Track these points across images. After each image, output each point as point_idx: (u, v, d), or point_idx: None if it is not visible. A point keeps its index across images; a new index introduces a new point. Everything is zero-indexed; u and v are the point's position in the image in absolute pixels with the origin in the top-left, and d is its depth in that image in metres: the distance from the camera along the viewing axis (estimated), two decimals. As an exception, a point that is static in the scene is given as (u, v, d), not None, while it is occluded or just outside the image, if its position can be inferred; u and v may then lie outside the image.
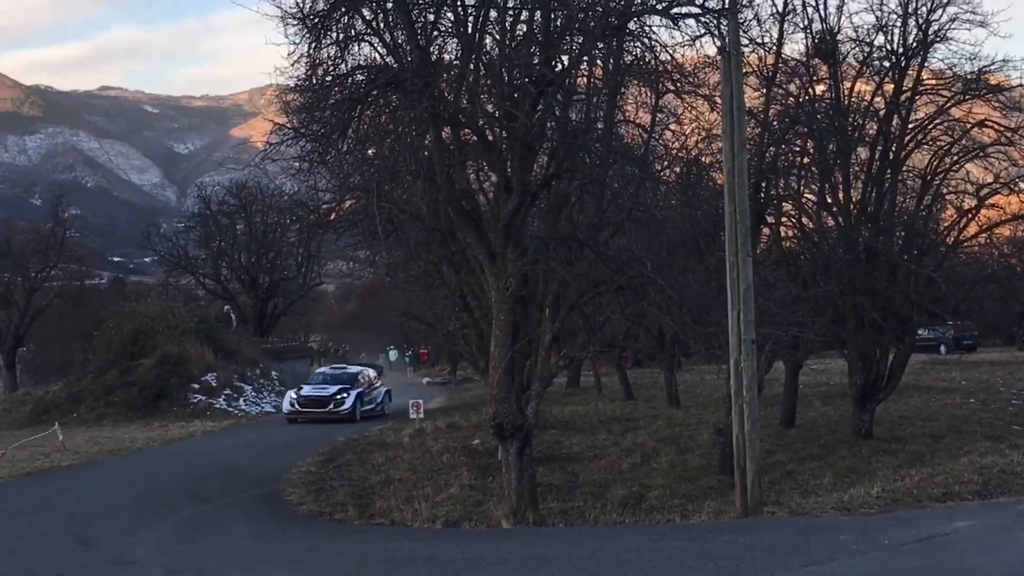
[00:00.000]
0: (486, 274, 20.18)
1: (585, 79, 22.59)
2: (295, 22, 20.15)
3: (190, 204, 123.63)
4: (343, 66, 20.37)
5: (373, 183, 19.93)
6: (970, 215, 29.83)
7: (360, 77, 20.44)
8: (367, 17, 20.23)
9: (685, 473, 24.70)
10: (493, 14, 20.46)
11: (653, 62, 21.34)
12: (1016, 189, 30.19)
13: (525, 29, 20.69)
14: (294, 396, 44.79)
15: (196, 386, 50.43)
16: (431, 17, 20.62)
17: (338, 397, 44.09)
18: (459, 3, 19.86)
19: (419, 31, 20.03)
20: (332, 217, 24.19)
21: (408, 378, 77.12)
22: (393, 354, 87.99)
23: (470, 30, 20.07)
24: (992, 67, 28.38)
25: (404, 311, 30.29)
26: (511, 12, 20.57)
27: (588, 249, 20.75)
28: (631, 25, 20.82)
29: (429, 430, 34.24)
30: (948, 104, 29.16)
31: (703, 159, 27.37)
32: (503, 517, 19.83)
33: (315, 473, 27.37)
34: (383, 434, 35.24)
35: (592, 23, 20.33)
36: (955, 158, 29.41)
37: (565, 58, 20.97)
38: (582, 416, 37.01)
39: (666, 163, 25.54)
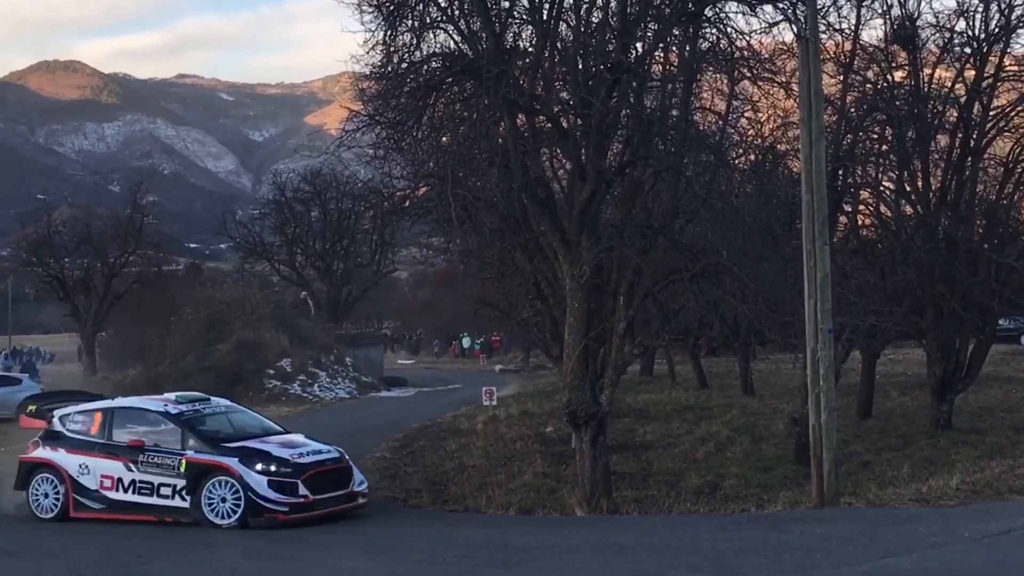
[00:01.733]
0: (560, 262, 20.16)
1: (660, 66, 22.47)
2: (371, 9, 20.30)
3: (265, 191, 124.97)
4: (418, 53, 20.47)
5: (448, 170, 19.98)
6: (1054, 204, 29.38)
7: (435, 64, 20.52)
8: (442, 4, 20.30)
9: (760, 463, 24.54)
10: (568, 1, 20.43)
11: (729, 49, 21.22)
12: (1102, 177, 29.62)
13: (600, 16, 20.64)
14: None
15: (271, 372, 50.90)
16: (506, 4, 20.66)
17: None
18: (535, -10, 19.86)
19: (494, 18, 20.07)
20: (406, 204, 24.26)
21: (481, 365, 77.34)
22: (466, 341, 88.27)
23: (545, 17, 20.06)
24: (1079, 51, 27.83)
25: (478, 298, 30.26)
26: (586, -1, 20.54)
27: (663, 237, 20.65)
28: (707, 11, 20.74)
29: (502, 417, 34.31)
30: (1032, 90, 28.67)
31: (779, 147, 27.12)
32: (577, 505, 19.83)
33: (389, 459, 27.52)
34: (456, 421, 35.36)
35: (668, 10, 20.28)
36: (1039, 145, 28.93)
37: (640, 45, 20.87)
38: (656, 404, 36.90)
39: (741, 151, 25.33)
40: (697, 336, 42.49)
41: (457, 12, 20.36)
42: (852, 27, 27.43)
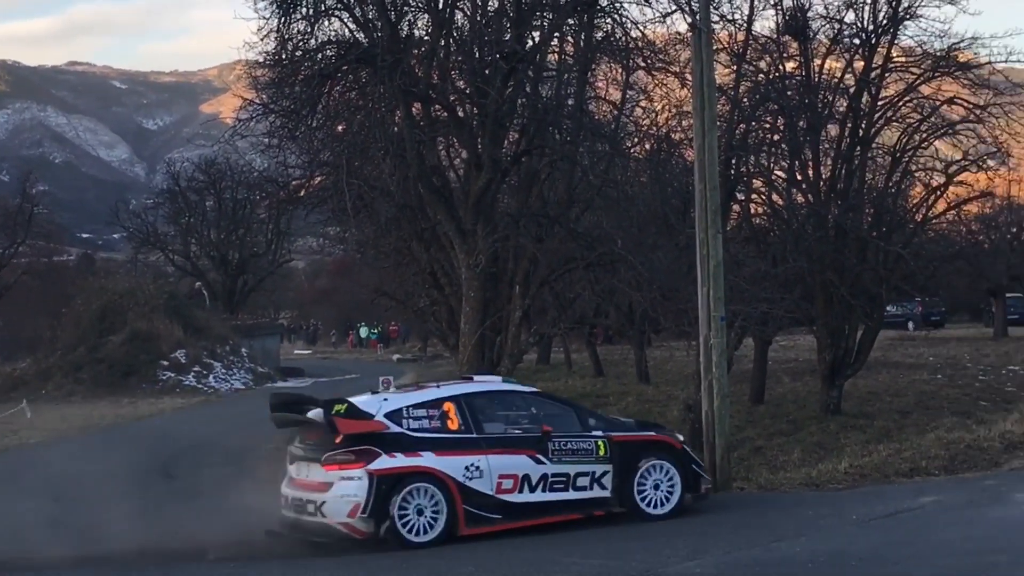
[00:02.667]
0: (456, 251, 20.19)
1: (556, 56, 22.58)
2: (265, -4, 20.09)
3: (159, 180, 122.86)
4: (312, 41, 20.33)
5: (343, 159, 19.90)
6: (939, 192, 30.04)
7: (330, 52, 20.41)
8: (337, -8, 20.16)
9: (655, 450, 24.74)
10: (464, -10, 20.45)
11: (624, 38, 21.40)
12: (984, 166, 30.35)
13: (496, 5, 20.68)
14: None
15: (165, 363, 50.25)
16: (402, -8, 20.58)
17: None
18: (430, -22, 19.81)
19: (390, 6, 20.01)
20: (302, 193, 24.12)
21: (379, 355, 77.11)
22: (364, 331, 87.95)
23: (441, 5, 20.05)
24: (962, 44, 28.47)
25: (374, 288, 30.14)
26: (482, -12, 20.55)
27: (558, 226, 20.78)
28: (602, 1, 20.88)
29: (400, 407, 34.12)
30: (917, 81, 29.27)
31: (673, 136, 27.37)
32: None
33: (284, 449, 27.23)
34: (354, 411, 35.10)
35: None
36: (924, 135, 29.56)
37: (536, 34, 20.96)
38: (552, 392, 37.04)
39: (636, 140, 25.57)
40: (593, 325, 42.76)
41: (352, 0, 20.26)
42: (745, 18, 27.79)
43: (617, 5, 21.14)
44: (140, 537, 15.59)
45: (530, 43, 20.74)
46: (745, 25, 27.93)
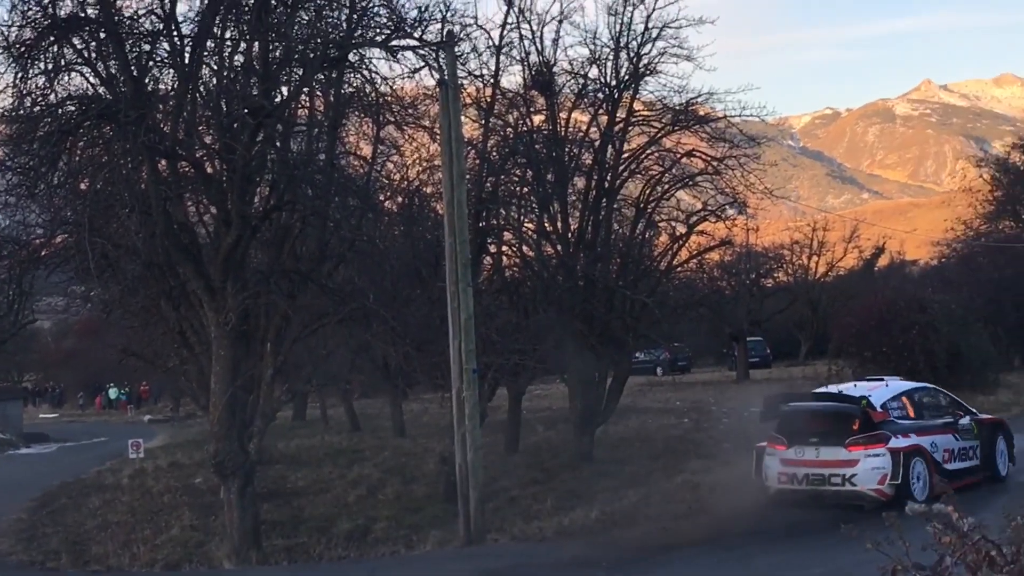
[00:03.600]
0: (206, 309, 19.78)
1: (306, 110, 22.50)
2: (-1, 51, 19.35)
3: None
4: (53, 96, 19.66)
5: (85, 217, 19.26)
6: (681, 241, 31.07)
7: (71, 108, 19.76)
8: (78, 46, 19.56)
9: (411, 504, 24.75)
10: (210, 44, 20.15)
11: (373, 94, 21.46)
12: (723, 216, 31.59)
13: (243, 60, 20.46)
14: None
15: None
16: (146, 47, 20.13)
17: None
18: (175, 33, 19.44)
19: (133, 61, 19.52)
20: (44, 253, 23.23)
21: (129, 416, 74.69)
22: (113, 392, 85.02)
23: (187, 61, 19.70)
24: (699, 99, 29.69)
25: (122, 348, 29.23)
26: (229, 43, 20.31)
27: (311, 282, 20.62)
28: (351, 57, 20.91)
29: (150, 470, 33.21)
30: (659, 134, 30.30)
31: (425, 190, 27.63)
32: (225, 557, 19.46)
33: (26, 520, 26.14)
34: (101, 476, 33.96)
35: (311, 55, 20.29)
36: (666, 187, 30.55)
37: (285, 89, 20.83)
38: (308, 449, 36.61)
39: (388, 194, 25.66)
40: (348, 380, 42.52)
41: (94, 55, 19.70)
42: (492, 73, 28.34)
43: (366, 61, 21.23)
44: None
45: (279, 98, 20.58)
46: (493, 80, 28.51)
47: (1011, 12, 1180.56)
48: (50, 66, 19.36)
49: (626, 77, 29.61)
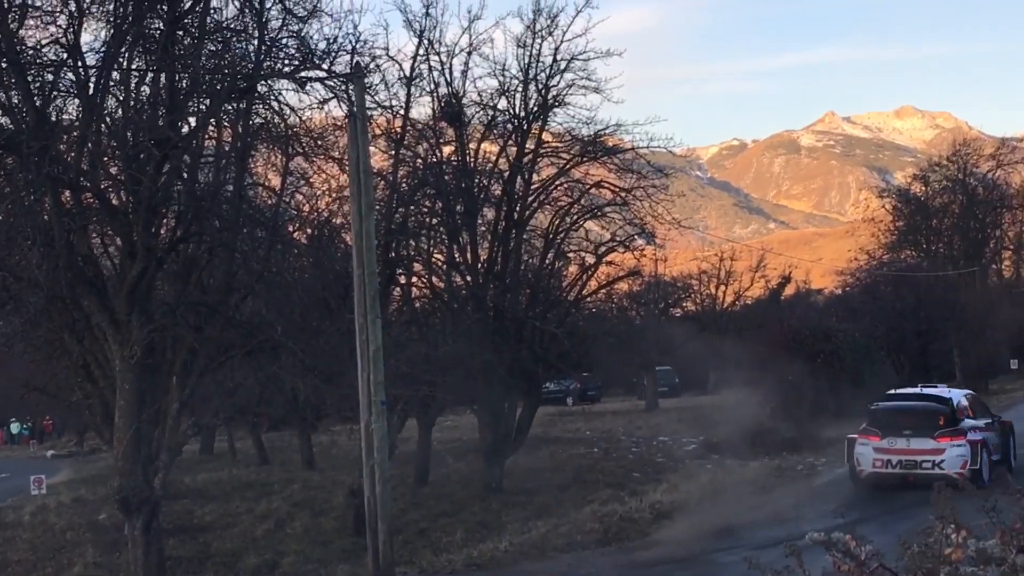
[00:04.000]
0: (110, 342, 19.49)
1: (214, 141, 22.34)
2: None
3: None
4: (-49, 126, 19.31)
5: (-16, 250, 18.92)
6: (590, 271, 31.33)
7: (-30, 138, 19.42)
8: (-23, 76, 19.26)
9: (320, 537, 24.57)
10: (116, 75, 19.96)
11: (282, 125, 21.40)
12: (631, 246, 31.92)
13: (150, 91, 20.28)
14: None
15: None
16: (50, 77, 19.88)
17: None
18: (79, 63, 19.22)
19: (36, 91, 19.26)
20: (-59, 286, 22.73)
21: (32, 451, 73.20)
22: (15, 426, 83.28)
23: (92, 91, 19.47)
24: (607, 130, 30.06)
25: (25, 382, 28.66)
26: (135, 73, 20.13)
27: (218, 314, 20.42)
28: (259, 88, 20.83)
29: (52, 506, 32.59)
30: (568, 165, 30.61)
31: (334, 221, 27.54)
32: (129, 594, 19.15)
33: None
34: (1, 514, 33.24)
35: (219, 85, 20.19)
36: (575, 217, 30.86)
37: (192, 120, 20.67)
38: (216, 483, 36.21)
39: (297, 225, 25.55)
40: (256, 412, 42.10)
41: (-6, 84, 19.41)
42: (402, 104, 28.40)
43: (275, 92, 21.16)
44: None
45: (186, 129, 20.42)
46: (403, 111, 28.57)
47: (910, 46, 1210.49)
48: (-53, 96, 19.06)
49: (535, 108, 29.88)
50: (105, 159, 20.10)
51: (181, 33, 19.97)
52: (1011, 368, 65.39)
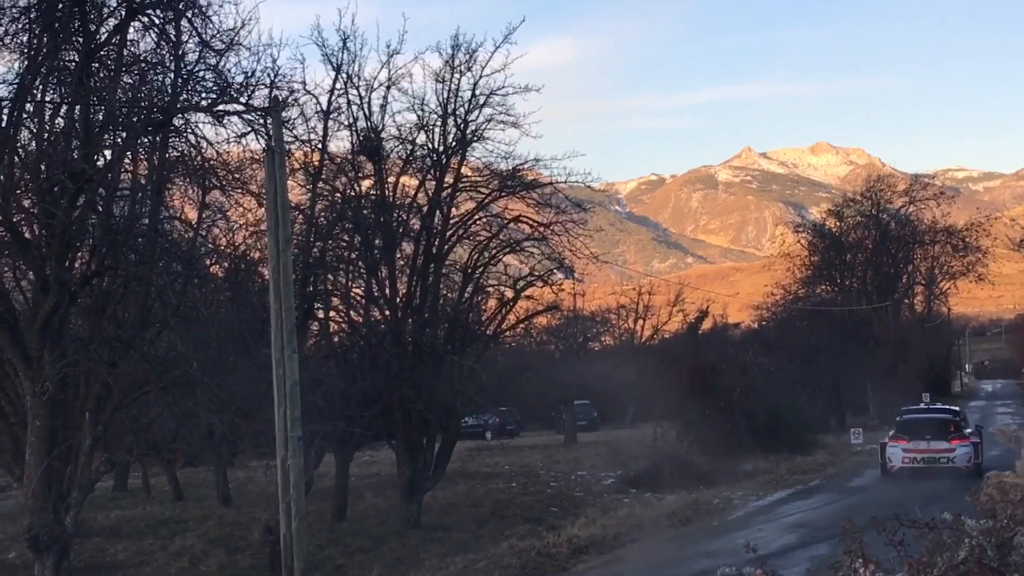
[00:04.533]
0: (21, 378, 19.18)
1: (129, 174, 22.14)
2: None
3: None
4: None
5: None
6: (509, 306, 31.42)
7: None
8: None
9: (235, 575, 24.30)
10: (29, 107, 19.75)
11: (199, 158, 21.28)
12: (550, 281, 32.09)
13: (64, 123, 20.08)
14: None
15: None
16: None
17: None
18: (-10, 95, 19.03)
19: (-54, 123, 19.01)
20: None
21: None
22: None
23: (4, 123, 19.25)
24: (526, 165, 30.22)
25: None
26: (49, 105, 19.94)
27: (133, 349, 20.20)
28: (176, 121, 20.71)
29: (-43, 545, 31.82)
30: (487, 200, 30.71)
31: (252, 255, 27.38)
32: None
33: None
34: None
35: (135, 118, 20.05)
36: (494, 252, 30.94)
37: (108, 153, 20.50)
38: (129, 521, 35.58)
39: (214, 259, 25.37)
40: (171, 449, 41.56)
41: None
42: (320, 138, 28.33)
43: (192, 125, 21.04)
44: None
45: (101, 162, 20.23)
46: (321, 145, 28.49)
47: (825, 83, 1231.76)
48: None
49: (453, 143, 29.98)
50: (18, 192, 19.85)
51: (97, 65, 19.84)
52: (923, 401, 66.61)
